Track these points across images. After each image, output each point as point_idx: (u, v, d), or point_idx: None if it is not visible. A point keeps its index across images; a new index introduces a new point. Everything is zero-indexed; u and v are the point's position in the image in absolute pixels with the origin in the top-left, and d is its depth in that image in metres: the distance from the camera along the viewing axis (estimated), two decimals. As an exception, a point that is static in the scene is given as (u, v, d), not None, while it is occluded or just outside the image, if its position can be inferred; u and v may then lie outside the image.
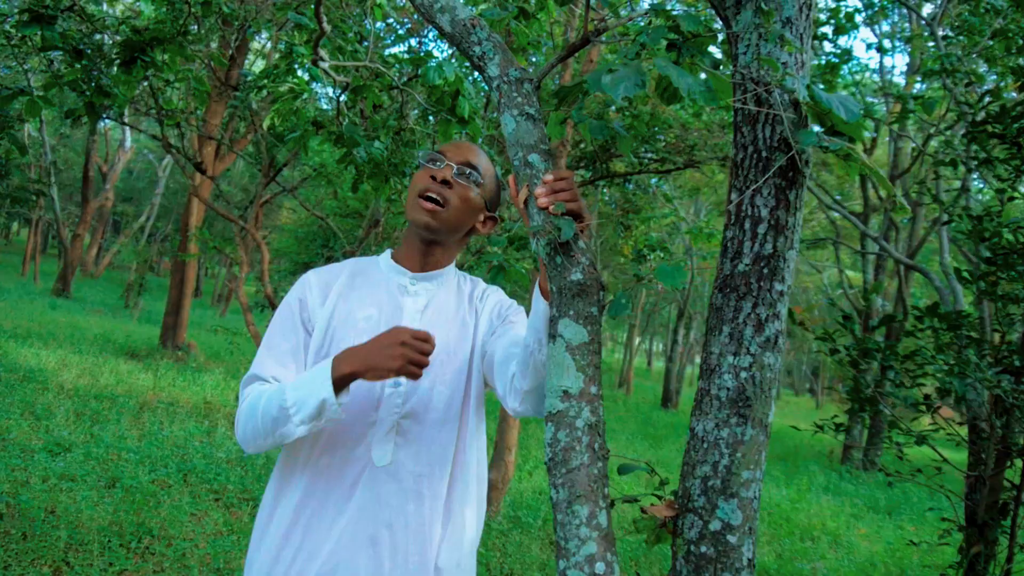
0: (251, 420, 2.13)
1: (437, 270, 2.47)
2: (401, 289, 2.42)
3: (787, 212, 1.80)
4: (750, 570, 1.77)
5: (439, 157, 2.40)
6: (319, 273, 2.44)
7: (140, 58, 5.06)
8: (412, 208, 2.38)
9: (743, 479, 1.75)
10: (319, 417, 2.06)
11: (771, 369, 1.78)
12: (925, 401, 4.55)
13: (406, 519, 2.26)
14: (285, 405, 2.06)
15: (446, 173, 2.36)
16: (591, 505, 1.68)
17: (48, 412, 9.18)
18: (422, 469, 2.29)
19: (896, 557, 8.65)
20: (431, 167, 2.39)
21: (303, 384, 2.07)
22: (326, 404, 2.03)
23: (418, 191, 2.37)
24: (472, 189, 2.40)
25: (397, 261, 2.47)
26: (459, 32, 2.14)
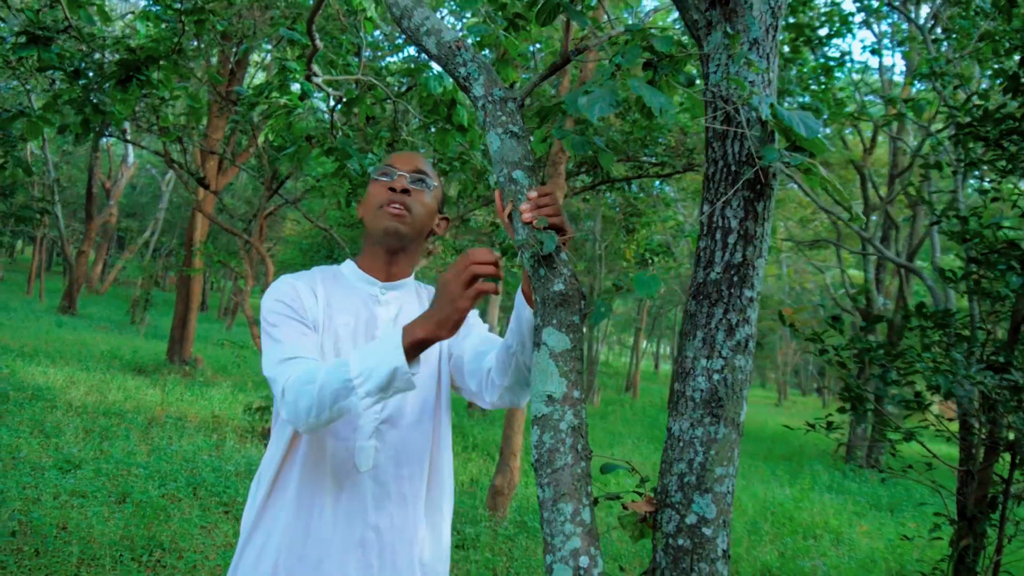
0: (306, 395, 2.08)
1: (403, 279, 2.58)
2: (373, 299, 2.52)
3: (755, 223, 1.90)
4: (725, 560, 1.87)
5: (391, 170, 2.50)
6: (297, 277, 2.48)
7: (135, 76, 5.16)
8: (378, 219, 2.46)
9: (717, 475, 1.85)
10: (388, 388, 2.05)
11: (742, 371, 1.89)
12: (916, 399, 4.65)
13: (391, 520, 2.37)
14: (349, 377, 2.04)
15: (402, 183, 2.47)
16: (575, 503, 1.78)
17: (57, 430, 9.29)
18: (402, 471, 2.40)
19: (896, 553, 8.73)
20: (385, 180, 2.49)
21: (370, 354, 2.06)
22: (397, 373, 2.02)
23: (379, 203, 2.46)
24: (427, 194, 2.52)
25: (363, 270, 2.56)
26: (445, 54, 2.25)
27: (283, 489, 2.36)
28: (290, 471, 2.36)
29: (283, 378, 2.17)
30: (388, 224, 2.44)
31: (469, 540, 7.38)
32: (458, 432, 14.01)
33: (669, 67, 2.12)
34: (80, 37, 5.46)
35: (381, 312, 2.50)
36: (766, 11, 1.95)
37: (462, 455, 12.28)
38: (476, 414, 17.13)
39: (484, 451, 12.80)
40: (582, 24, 2.28)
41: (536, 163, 8.55)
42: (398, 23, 2.40)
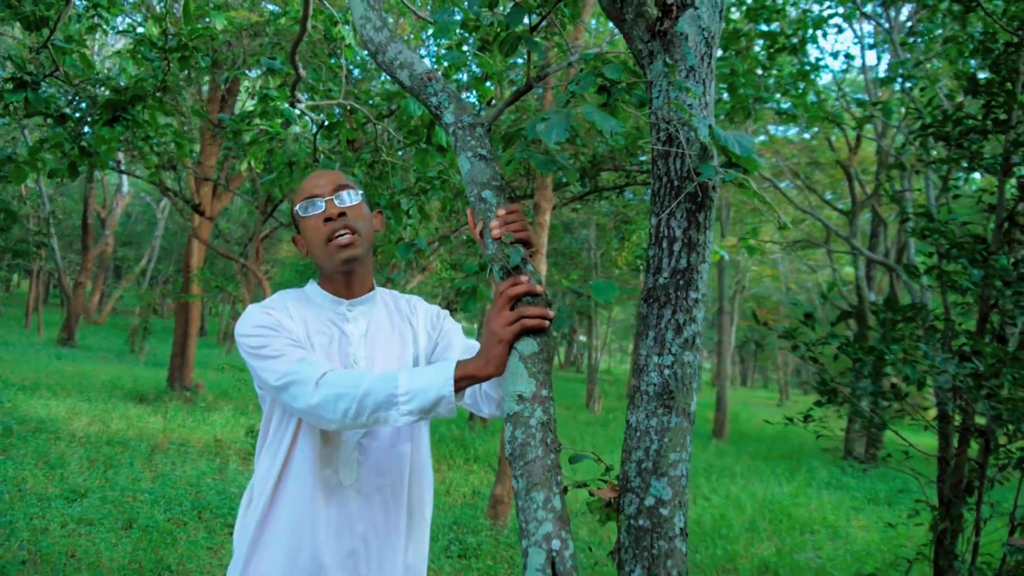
0: (347, 398, 2.20)
1: (367, 293, 2.69)
2: (341, 317, 2.63)
3: (698, 231, 2.09)
4: (682, 537, 2.06)
5: (315, 200, 2.56)
6: (264, 305, 2.55)
7: (122, 116, 5.32)
8: (330, 253, 2.53)
9: (671, 460, 2.05)
10: (430, 412, 2.20)
11: (690, 366, 2.08)
12: (892, 390, 4.84)
13: (376, 530, 2.53)
14: (395, 393, 2.17)
15: (334, 208, 2.53)
16: (546, 491, 1.97)
17: (62, 460, 9.41)
18: (384, 482, 2.55)
19: (892, 544, 8.90)
20: (317, 212, 2.55)
21: (422, 377, 2.19)
22: (443, 401, 2.17)
23: (323, 239, 2.52)
24: (357, 204, 2.60)
25: (327, 291, 2.66)
26: (417, 85, 2.45)
27: (278, 507, 2.49)
28: (283, 490, 2.49)
29: (314, 374, 2.28)
30: (342, 256, 2.52)
31: (471, 549, 7.54)
32: (459, 445, 14.17)
33: (620, 92, 2.33)
34: (67, 81, 5.62)
35: (351, 328, 2.62)
36: (700, 41, 2.15)
37: (464, 467, 12.43)
38: (477, 426, 17.28)
39: (485, 462, 12.95)
40: (540, 54, 2.49)
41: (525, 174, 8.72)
42: (373, 58, 2.60)
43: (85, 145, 5.40)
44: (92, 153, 5.43)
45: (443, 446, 13.95)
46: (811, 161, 22.76)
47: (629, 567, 2.06)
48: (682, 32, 2.13)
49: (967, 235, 4.86)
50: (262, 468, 2.54)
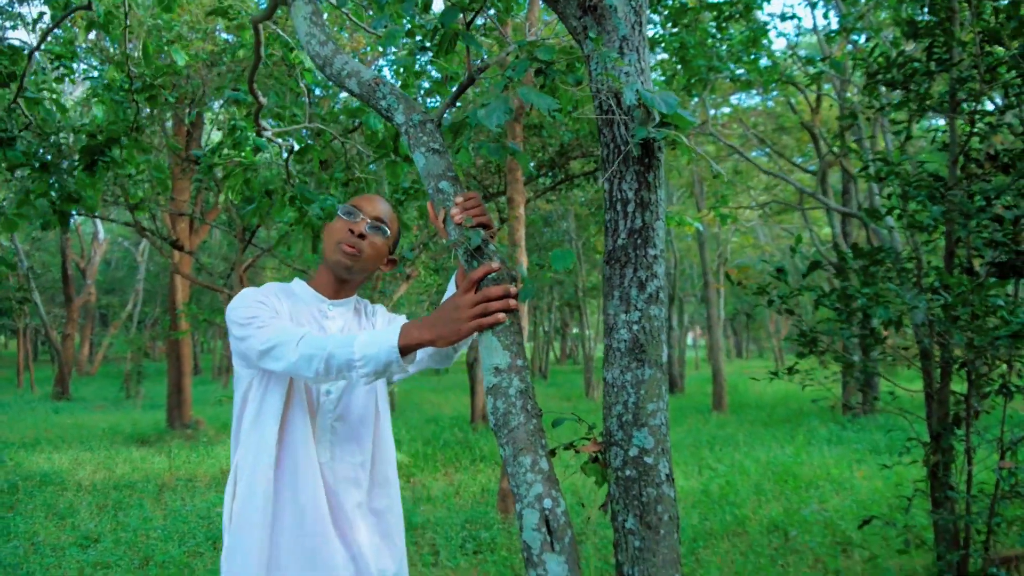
0: (316, 359, 2.41)
1: (347, 298, 2.95)
2: (322, 314, 2.89)
3: (649, 191, 2.20)
4: (669, 483, 2.16)
5: (355, 211, 2.84)
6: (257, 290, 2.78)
7: (100, 159, 5.40)
8: (333, 252, 2.82)
9: (649, 410, 2.15)
10: (384, 374, 2.40)
11: (657, 319, 2.18)
12: (870, 333, 4.95)
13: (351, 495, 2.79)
14: (352, 359, 2.36)
15: (361, 227, 2.82)
16: (532, 455, 2.07)
17: (71, 510, 9.44)
18: (355, 459, 2.82)
19: (895, 489, 9.02)
20: (348, 220, 2.82)
21: (372, 343, 2.37)
22: (392, 365, 2.36)
23: (338, 240, 2.81)
24: (380, 239, 2.87)
25: (313, 288, 2.93)
26: (366, 91, 2.56)
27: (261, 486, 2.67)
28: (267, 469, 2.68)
29: (294, 337, 2.48)
30: (341, 259, 2.81)
31: (486, 544, 7.63)
32: (464, 447, 14.25)
33: (557, 72, 2.44)
34: (42, 132, 5.68)
35: (329, 324, 2.87)
36: (629, 11, 2.25)
37: (471, 468, 12.51)
38: (480, 427, 17.36)
39: (491, 460, 13.03)
40: (477, 49, 2.59)
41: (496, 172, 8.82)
42: (322, 71, 2.71)
43: (71, 191, 5.46)
44: (78, 198, 5.49)
45: (448, 450, 14.02)
46: (776, 127, 22.88)
47: (622, 516, 2.16)
48: (611, 4, 2.24)
49: (924, 174, 4.97)
50: (250, 447, 2.71)
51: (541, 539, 1.99)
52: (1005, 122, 4.92)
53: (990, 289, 4.10)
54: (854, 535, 7.31)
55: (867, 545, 7.02)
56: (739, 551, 7.19)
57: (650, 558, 2.13)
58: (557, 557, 1.98)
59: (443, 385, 32.79)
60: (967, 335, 4.29)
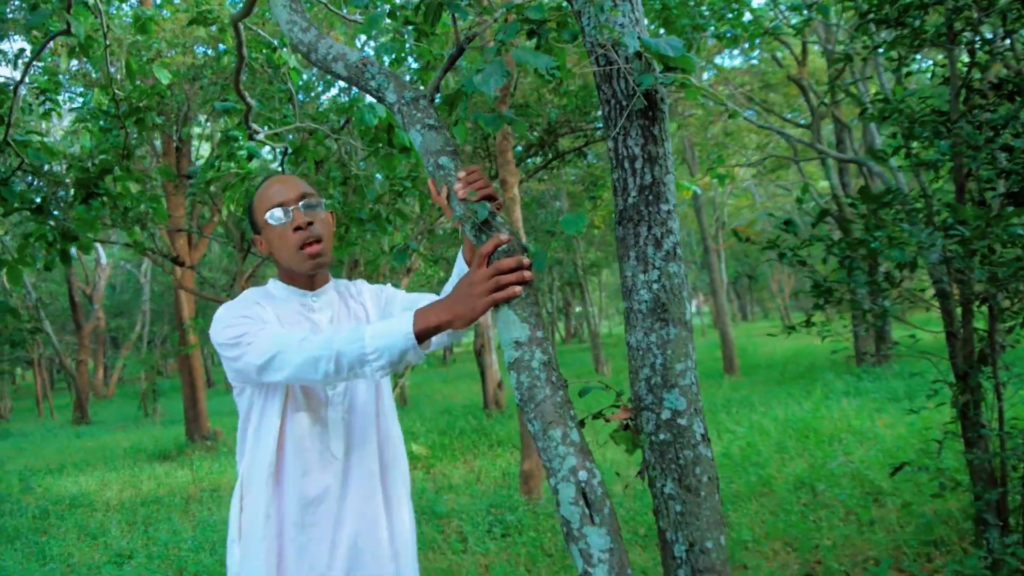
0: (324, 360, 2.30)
1: (324, 285, 2.83)
2: (308, 308, 2.76)
3: (656, 145, 2.12)
4: (705, 443, 2.10)
5: (282, 210, 2.66)
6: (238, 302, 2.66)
7: (95, 192, 5.33)
8: (298, 261, 2.67)
9: (678, 371, 2.08)
10: (400, 363, 2.28)
11: (677, 276, 2.11)
12: (886, 279, 4.87)
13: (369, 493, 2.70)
14: (365, 352, 2.25)
15: (300, 219, 2.65)
16: (562, 427, 1.99)
17: (102, 529, 9.46)
18: (370, 446, 2.74)
19: (920, 434, 8.96)
20: (285, 220, 2.66)
21: (384, 334, 2.25)
22: (408, 353, 2.25)
23: (293, 247, 2.65)
24: (321, 211, 2.73)
25: (289, 284, 2.79)
26: (354, 73, 2.48)
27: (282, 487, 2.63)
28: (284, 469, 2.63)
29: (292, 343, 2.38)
30: (310, 264, 2.67)
31: (512, 527, 7.58)
32: (480, 433, 14.21)
33: (549, 31, 2.36)
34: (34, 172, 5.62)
35: (318, 317, 2.76)
36: (618, -40, 2.17)
37: (489, 453, 12.48)
38: (494, 413, 17.33)
39: (508, 444, 13.00)
40: (463, 16, 2.51)
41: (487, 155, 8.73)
42: (307, 58, 2.63)
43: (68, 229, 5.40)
44: (77, 236, 5.43)
45: (464, 438, 13.99)
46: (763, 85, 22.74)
47: (660, 482, 2.10)
48: (599, -44, 2.16)
49: (927, 110, 4.88)
50: (256, 457, 2.64)
51: (580, 512, 1.92)
52: (1006, 48, 4.83)
53: (1009, 219, 4.01)
54: (884, 484, 7.24)
55: (898, 492, 6.95)
56: (768, 511, 7.14)
57: (693, 522, 2.07)
58: (598, 530, 1.91)
59: (452, 375, 32.72)
60: (988, 269, 4.21)
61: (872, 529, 6.19)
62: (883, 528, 6.17)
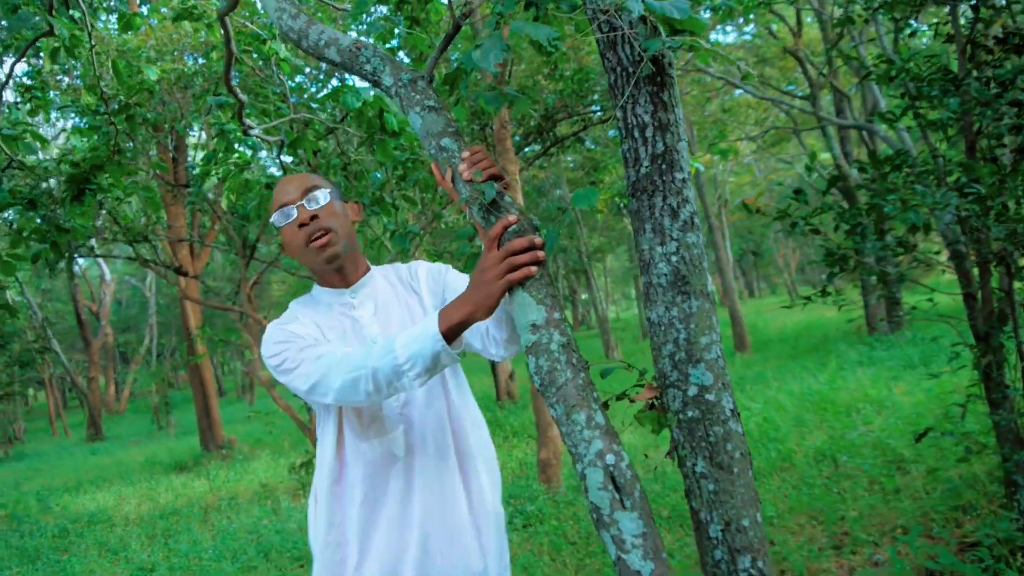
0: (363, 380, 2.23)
1: (363, 276, 2.70)
2: (348, 307, 2.65)
3: (666, 111, 2.04)
4: (735, 418, 2.02)
5: (286, 209, 2.57)
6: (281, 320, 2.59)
7: (86, 188, 5.27)
8: (310, 257, 2.57)
9: (703, 344, 2.00)
10: (435, 368, 2.20)
11: (696, 246, 2.03)
12: (899, 244, 4.79)
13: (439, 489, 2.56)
14: (398, 363, 2.17)
15: (304, 215, 2.54)
16: (586, 410, 1.91)
17: (122, 544, 9.42)
18: (431, 446, 2.58)
19: (939, 399, 8.87)
20: (290, 219, 2.57)
21: (413, 342, 2.18)
22: (440, 356, 2.16)
23: (300, 244, 2.56)
24: (329, 203, 2.59)
25: (327, 287, 2.69)
26: (348, 58, 2.39)
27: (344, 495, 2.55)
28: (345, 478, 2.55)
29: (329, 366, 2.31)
30: (322, 257, 2.55)
31: (534, 517, 7.52)
32: (493, 425, 14.13)
33: (548, 1, 2.27)
34: (25, 168, 5.56)
35: (359, 314, 2.64)
36: (614, -78, 2.09)
37: (504, 445, 12.41)
38: (506, 404, 17.28)
39: (524, 434, 12.94)
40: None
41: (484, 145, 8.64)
42: (298, 46, 2.54)
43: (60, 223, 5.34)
44: (69, 230, 5.37)
45: (478, 432, 13.93)
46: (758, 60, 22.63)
47: (690, 461, 2.02)
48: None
49: (934, 68, 4.79)
50: (320, 465, 2.59)
51: (609, 497, 1.84)
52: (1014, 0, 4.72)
53: (1024, 174, 3.92)
54: (906, 452, 7.15)
55: (922, 459, 6.87)
56: (791, 485, 7.06)
57: (727, 500, 1.99)
58: (629, 514, 1.83)
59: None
60: (1006, 225, 4.13)
61: (898, 497, 6.11)
62: (909, 496, 6.09)
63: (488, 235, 2.09)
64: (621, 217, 27.00)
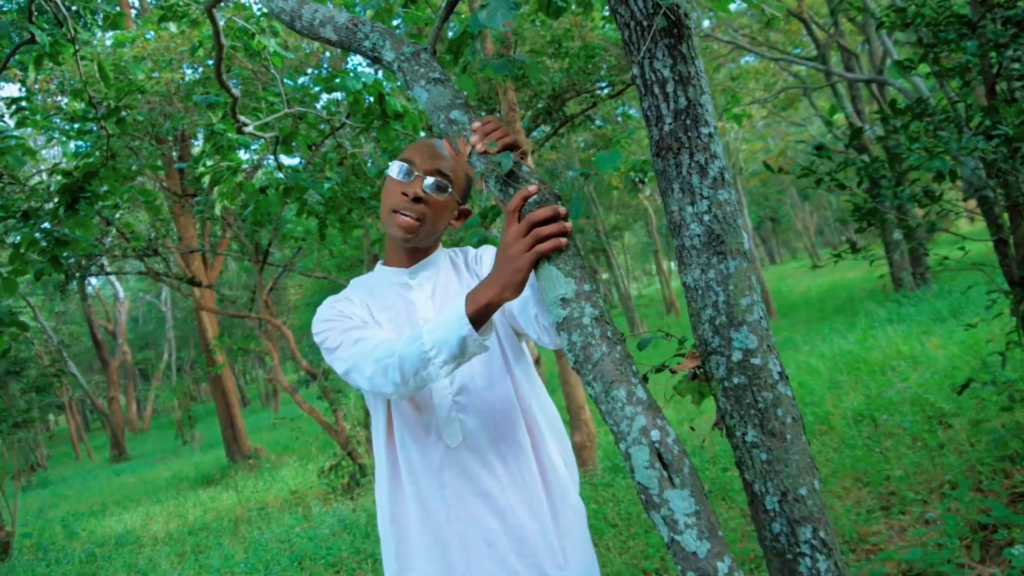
0: (391, 369, 2.13)
1: (426, 258, 2.56)
2: (405, 287, 2.52)
3: (686, 64, 1.91)
4: (784, 382, 1.89)
5: (409, 168, 2.43)
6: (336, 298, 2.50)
7: (81, 197, 5.16)
8: (388, 223, 2.45)
9: (744, 306, 1.87)
10: (463, 355, 2.07)
11: (729, 203, 1.90)
12: (926, 193, 4.66)
13: (501, 483, 2.39)
14: (424, 350, 2.06)
15: (417, 188, 2.40)
16: (626, 385, 1.79)
17: (152, 564, 9.33)
18: (493, 433, 2.42)
19: (974, 350, 8.74)
20: (404, 180, 2.43)
21: (439, 327, 2.07)
22: (467, 342, 2.03)
23: (391, 207, 2.43)
24: (443, 197, 2.45)
25: (389, 265, 2.57)
26: (345, 36, 2.27)
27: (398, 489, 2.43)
28: (397, 472, 2.43)
29: (364, 354, 2.22)
30: (396, 231, 2.44)
31: (572, 502, 7.44)
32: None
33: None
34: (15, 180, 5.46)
35: (415, 295, 2.52)
36: None
37: (536, 431, 12.35)
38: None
39: (555, 420, 12.88)
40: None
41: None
42: (291, 27, 2.42)
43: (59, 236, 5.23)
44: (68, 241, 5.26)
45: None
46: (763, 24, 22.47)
47: (740, 430, 1.90)
48: None
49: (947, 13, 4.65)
50: (376, 456, 2.50)
51: (657, 476, 1.72)
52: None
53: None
54: (946, 406, 7.02)
55: (963, 412, 6.73)
56: (831, 448, 6.95)
57: (782, 469, 1.87)
58: (679, 492, 1.71)
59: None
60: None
61: (942, 453, 5.99)
62: (954, 450, 5.96)
63: (508, 208, 1.96)
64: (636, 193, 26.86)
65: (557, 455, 2.52)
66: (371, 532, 8.21)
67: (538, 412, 2.52)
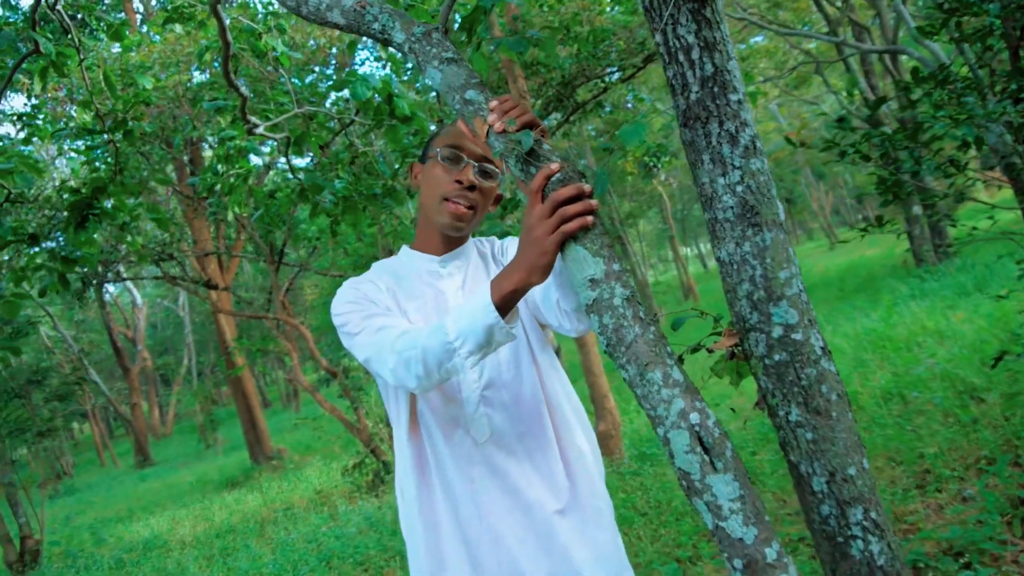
0: (413, 361, 2.04)
1: (459, 247, 2.49)
2: (434, 275, 2.44)
3: (711, 29, 1.83)
4: (827, 357, 1.81)
5: (458, 154, 2.35)
6: (358, 280, 2.43)
7: (90, 214, 5.09)
8: (439, 212, 2.37)
9: (782, 279, 1.79)
10: (489, 345, 1.99)
11: (762, 172, 1.81)
12: (950, 163, 4.56)
13: (528, 477, 2.32)
14: (449, 340, 1.98)
15: (469, 175, 2.34)
16: (662, 367, 1.70)
17: (180, 569, 9.31)
18: (520, 428, 2.34)
19: (1002, 322, 8.62)
20: (453, 167, 2.35)
21: (464, 316, 1.99)
22: (494, 330, 1.95)
23: (443, 194, 2.35)
24: (493, 187, 2.42)
25: (418, 250, 2.49)
26: (353, 19, 2.19)
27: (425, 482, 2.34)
28: (422, 465, 2.35)
29: (387, 344, 2.13)
30: (448, 221, 2.37)
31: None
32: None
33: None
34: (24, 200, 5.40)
35: (445, 284, 2.44)
36: None
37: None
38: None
39: (578, 409, 12.83)
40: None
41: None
42: (298, 13, 2.35)
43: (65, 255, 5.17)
44: (75, 259, 5.20)
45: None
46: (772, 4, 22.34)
47: (783, 409, 1.82)
48: None
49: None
50: (398, 452, 2.40)
51: (699, 461, 1.64)
52: None
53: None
54: (977, 380, 6.89)
55: (995, 385, 6.61)
56: (861, 428, 6.83)
57: (828, 448, 1.79)
58: (722, 477, 1.63)
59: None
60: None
61: (976, 428, 5.87)
62: (988, 425, 5.85)
63: (530, 188, 1.87)
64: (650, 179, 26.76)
65: (583, 446, 2.45)
66: (398, 529, 8.15)
67: (564, 402, 2.46)
